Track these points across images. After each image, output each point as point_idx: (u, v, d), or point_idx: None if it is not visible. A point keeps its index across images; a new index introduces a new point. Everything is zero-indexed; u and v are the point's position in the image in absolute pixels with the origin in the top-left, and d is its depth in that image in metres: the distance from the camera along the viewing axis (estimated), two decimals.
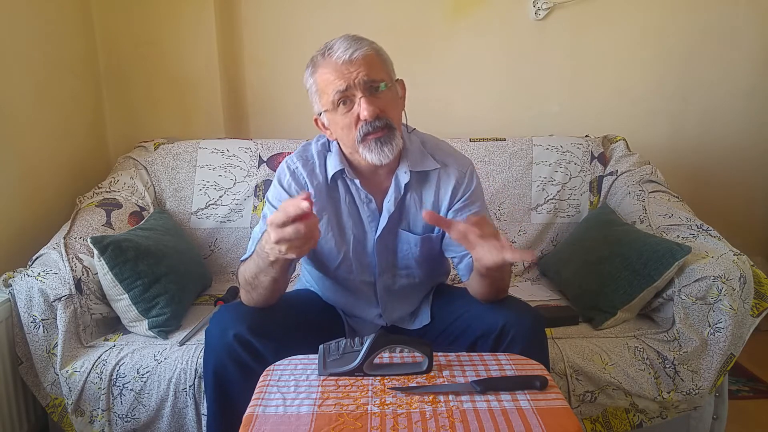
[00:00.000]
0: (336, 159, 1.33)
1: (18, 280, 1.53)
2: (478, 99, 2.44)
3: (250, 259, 1.27)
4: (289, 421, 0.98)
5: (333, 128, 1.30)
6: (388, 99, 1.26)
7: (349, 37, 1.25)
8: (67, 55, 2.06)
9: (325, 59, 1.24)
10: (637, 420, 1.59)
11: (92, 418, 1.52)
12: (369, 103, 1.21)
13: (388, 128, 1.24)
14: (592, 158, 2.15)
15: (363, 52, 1.22)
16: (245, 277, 1.27)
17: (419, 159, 1.36)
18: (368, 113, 1.21)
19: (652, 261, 1.58)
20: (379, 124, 1.23)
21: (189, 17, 2.23)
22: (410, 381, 1.11)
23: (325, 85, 1.25)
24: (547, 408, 1.01)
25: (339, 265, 1.40)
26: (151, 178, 2.10)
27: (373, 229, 1.38)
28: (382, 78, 1.24)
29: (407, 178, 1.34)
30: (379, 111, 1.23)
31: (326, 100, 1.26)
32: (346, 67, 1.21)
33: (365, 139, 1.24)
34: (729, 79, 2.44)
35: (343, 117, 1.25)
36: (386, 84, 1.25)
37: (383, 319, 1.48)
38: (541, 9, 2.33)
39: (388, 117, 1.24)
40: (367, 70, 1.22)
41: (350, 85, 1.21)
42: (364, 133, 1.24)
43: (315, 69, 1.27)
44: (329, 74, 1.23)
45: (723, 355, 1.54)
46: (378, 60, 1.26)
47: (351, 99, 1.23)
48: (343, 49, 1.22)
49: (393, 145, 1.25)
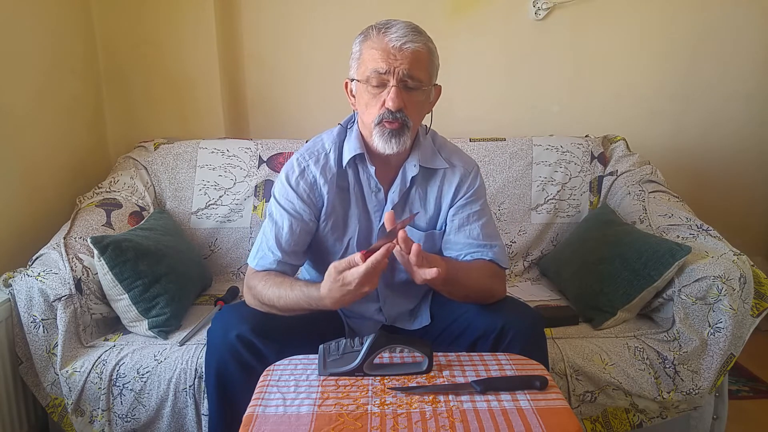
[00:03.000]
0: (356, 143, 1.34)
1: (18, 280, 1.53)
2: (478, 99, 2.44)
3: (285, 292, 1.26)
4: (289, 421, 0.98)
5: (358, 98, 1.32)
6: (416, 99, 1.28)
7: (411, 26, 1.27)
8: (67, 55, 2.06)
9: (379, 35, 1.25)
10: (637, 420, 1.59)
11: (92, 418, 1.52)
12: (397, 95, 1.23)
13: (403, 124, 1.26)
14: (592, 158, 2.15)
15: (415, 47, 1.24)
16: (272, 302, 1.28)
17: (429, 156, 1.38)
18: (393, 104, 1.24)
19: (652, 261, 1.58)
20: (399, 116, 1.25)
21: (189, 17, 2.22)
22: (410, 381, 1.11)
23: (369, 59, 1.26)
24: (547, 408, 1.01)
25: (341, 257, 1.40)
26: (151, 178, 2.10)
27: (377, 218, 1.39)
28: (421, 78, 1.26)
29: (415, 172, 1.35)
30: (403, 105, 1.25)
31: (363, 71, 1.27)
32: (394, 53, 1.23)
33: (381, 124, 1.27)
34: (730, 80, 2.44)
35: (371, 95, 1.27)
36: (422, 85, 1.26)
37: (383, 314, 1.48)
38: (541, 9, 2.33)
39: (407, 114, 1.26)
40: (410, 65, 1.23)
41: (390, 71, 1.23)
42: (382, 118, 1.26)
43: (366, 39, 1.28)
44: (376, 51, 1.24)
45: (723, 355, 1.54)
46: (426, 59, 1.27)
47: (384, 83, 1.25)
48: (399, 34, 1.23)
49: (401, 141, 1.27)
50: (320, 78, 2.33)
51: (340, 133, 1.39)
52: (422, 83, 1.26)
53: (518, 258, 2.11)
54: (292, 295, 1.25)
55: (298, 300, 1.24)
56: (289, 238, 1.34)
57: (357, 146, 1.34)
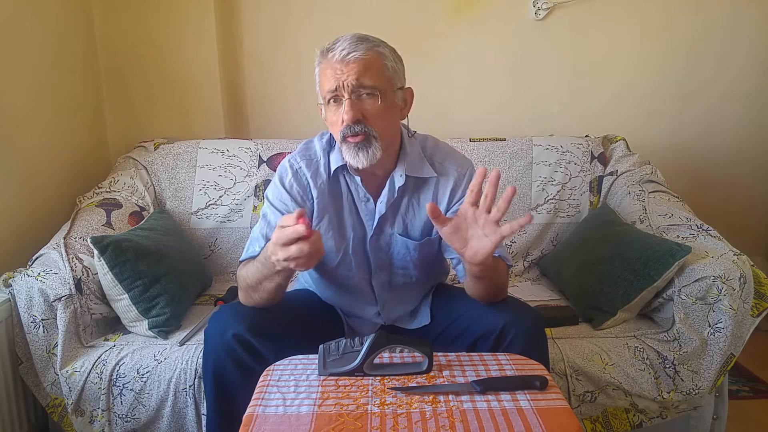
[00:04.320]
0: (339, 154, 1.33)
1: (18, 280, 1.53)
2: (477, 99, 2.44)
3: (253, 264, 1.26)
4: (289, 421, 0.98)
5: (327, 120, 1.31)
6: (375, 106, 1.24)
7: (356, 36, 1.24)
8: (67, 55, 2.06)
9: (326, 55, 1.25)
10: (637, 420, 1.59)
11: (92, 418, 1.52)
12: (350, 107, 1.22)
13: (367, 135, 1.24)
14: (592, 158, 2.15)
15: (360, 55, 1.21)
16: (247, 281, 1.27)
17: (417, 165, 1.36)
18: (347, 117, 1.22)
19: (652, 261, 1.58)
20: (358, 129, 1.23)
21: (189, 17, 2.23)
22: (410, 381, 1.11)
23: (322, 80, 1.27)
24: (547, 408, 1.01)
25: (339, 263, 1.40)
26: (151, 178, 2.10)
27: (370, 226, 1.38)
28: (374, 84, 1.23)
29: (402, 182, 1.34)
30: (361, 116, 1.23)
31: (322, 93, 1.28)
32: (339, 67, 1.22)
33: (345, 140, 1.25)
34: (730, 80, 2.44)
35: (332, 114, 1.26)
36: (376, 91, 1.23)
37: (381, 318, 1.48)
38: (541, 9, 2.33)
39: (369, 124, 1.24)
40: (358, 75, 1.21)
41: (339, 86, 1.22)
42: (343, 135, 1.25)
43: (319, 61, 1.28)
44: (326, 70, 1.24)
45: (723, 355, 1.54)
46: (376, 65, 1.24)
47: (340, 99, 1.24)
48: (342, 47, 1.22)
49: (369, 153, 1.25)
50: None
51: (329, 140, 1.38)
52: (377, 89, 1.23)
53: (518, 258, 2.11)
54: (257, 263, 1.24)
55: (258, 267, 1.22)
56: None
57: (340, 158, 1.32)
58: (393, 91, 1.28)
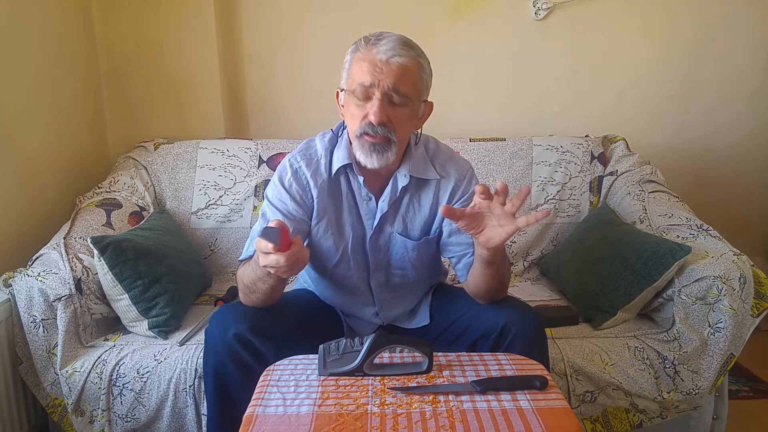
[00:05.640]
0: (344, 152, 1.33)
1: (18, 280, 1.53)
2: (477, 99, 2.44)
3: (248, 264, 1.27)
4: (289, 421, 0.98)
5: (345, 109, 1.31)
6: (402, 114, 1.25)
7: (402, 40, 1.24)
8: (67, 55, 2.06)
9: (368, 47, 1.23)
10: (637, 420, 1.59)
11: (92, 418, 1.52)
12: (380, 108, 1.22)
13: (387, 140, 1.24)
14: (592, 158, 2.15)
15: (403, 61, 1.21)
16: (244, 281, 1.28)
17: (421, 166, 1.37)
18: (375, 118, 1.22)
19: (652, 261, 1.58)
20: (380, 131, 1.23)
21: (189, 17, 2.22)
22: (410, 381, 1.11)
23: (356, 71, 1.24)
24: (547, 408, 1.01)
25: (337, 263, 1.41)
26: (151, 178, 2.10)
27: (370, 225, 1.38)
28: (407, 93, 1.23)
29: (405, 182, 1.34)
30: (387, 120, 1.23)
31: (350, 82, 1.26)
32: (380, 66, 1.21)
33: (362, 137, 1.25)
34: (730, 80, 2.44)
35: (356, 107, 1.25)
36: (408, 100, 1.24)
37: (379, 318, 1.49)
38: (541, 9, 2.33)
39: (392, 129, 1.24)
40: (396, 79, 1.21)
41: (374, 84, 1.21)
42: (363, 131, 1.24)
43: (356, 50, 1.25)
44: (364, 63, 1.22)
45: (723, 355, 1.54)
46: (414, 74, 1.24)
47: (369, 96, 1.23)
48: (388, 47, 1.21)
49: (384, 156, 1.25)
50: (320, 78, 2.33)
51: (331, 139, 1.38)
52: (408, 98, 1.24)
53: (518, 258, 2.11)
54: (252, 263, 1.23)
55: (253, 267, 1.22)
56: None
57: (346, 156, 1.32)
58: (419, 102, 1.29)
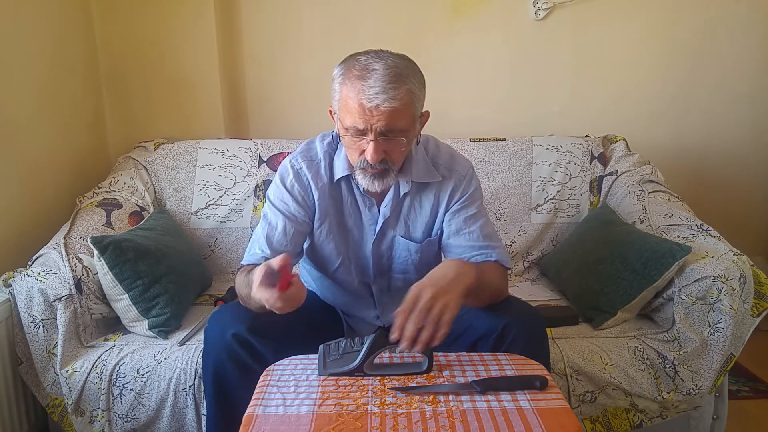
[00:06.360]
0: (344, 163, 1.32)
1: (18, 280, 1.53)
2: (478, 99, 2.44)
3: (246, 277, 1.23)
4: (289, 421, 0.98)
5: (341, 137, 1.28)
6: (399, 145, 1.23)
7: (390, 75, 1.16)
8: (67, 55, 2.06)
9: (355, 82, 1.17)
10: (637, 420, 1.59)
11: (92, 418, 1.52)
12: (375, 149, 1.20)
13: (386, 170, 1.25)
14: (592, 158, 2.15)
15: (393, 105, 1.16)
16: (239, 292, 1.28)
17: (423, 170, 1.36)
18: (371, 159, 1.21)
19: (652, 261, 1.58)
20: (379, 166, 1.23)
21: (189, 17, 2.23)
22: (410, 381, 1.11)
23: (346, 110, 1.20)
24: (547, 408, 1.01)
25: (338, 267, 1.41)
26: (151, 178, 2.10)
27: (372, 231, 1.38)
28: (401, 127, 1.20)
29: (407, 188, 1.35)
30: (384, 154, 1.22)
31: (342, 117, 1.22)
32: (370, 111, 1.16)
33: (363, 170, 1.25)
34: (731, 81, 2.44)
35: (351, 141, 1.23)
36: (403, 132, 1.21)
37: (381, 321, 1.49)
38: (541, 9, 2.33)
39: (390, 161, 1.24)
40: (388, 121, 1.17)
41: (367, 128, 1.19)
42: (362, 166, 1.25)
43: (344, 80, 1.19)
44: (353, 105, 1.17)
45: (723, 355, 1.54)
46: (407, 109, 1.19)
47: (363, 133, 1.20)
48: (376, 90, 1.15)
49: (385, 182, 1.27)
50: (320, 78, 2.32)
51: (330, 144, 1.37)
52: (404, 131, 1.21)
53: (518, 258, 2.11)
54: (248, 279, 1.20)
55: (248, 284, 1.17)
56: (282, 238, 1.33)
57: (346, 167, 1.32)
58: (415, 123, 1.26)
